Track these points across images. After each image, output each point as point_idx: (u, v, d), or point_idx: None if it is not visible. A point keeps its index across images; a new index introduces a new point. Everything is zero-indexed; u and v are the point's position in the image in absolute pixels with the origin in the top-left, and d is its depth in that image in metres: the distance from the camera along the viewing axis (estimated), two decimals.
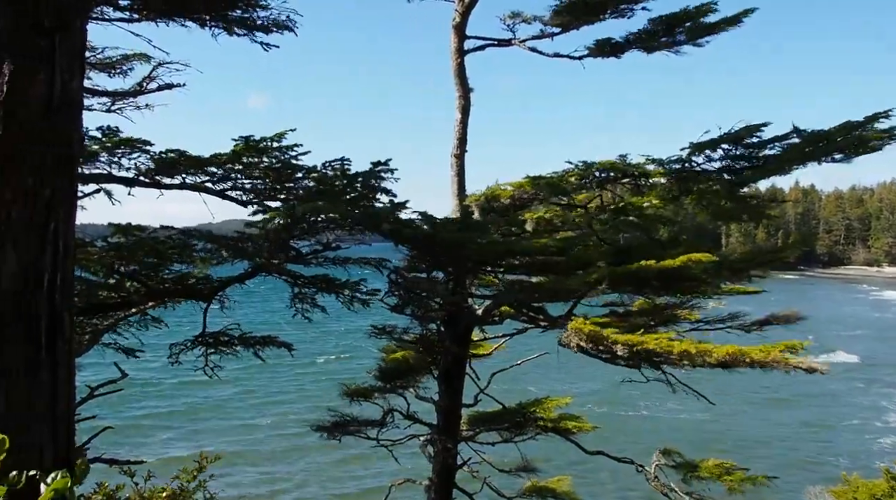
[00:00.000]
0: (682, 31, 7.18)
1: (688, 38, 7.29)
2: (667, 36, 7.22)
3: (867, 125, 6.94)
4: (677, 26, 7.08)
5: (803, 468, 24.22)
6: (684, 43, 7.38)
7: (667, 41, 7.30)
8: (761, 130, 7.16)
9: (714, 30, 7.24)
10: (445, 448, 8.38)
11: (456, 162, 8.18)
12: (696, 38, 7.30)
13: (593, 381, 35.94)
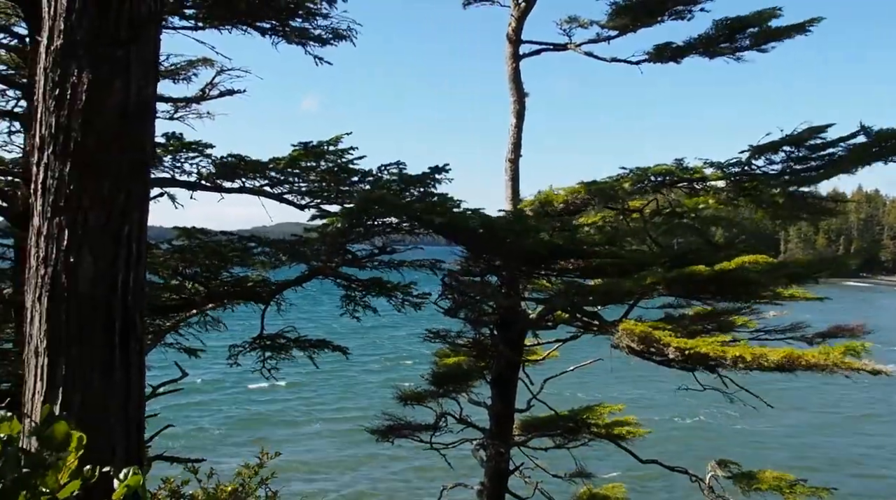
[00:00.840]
0: (745, 37, 7.04)
1: (751, 43, 7.13)
2: (728, 41, 7.09)
3: None
4: (740, 31, 6.95)
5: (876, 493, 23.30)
6: (748, 48, 7.22)
7: (729, 46, 7.17)
8: (825, 131, 6.98)
9: (779, 35, 7.06)
10: (498, 453, 8.37)
11: (510, 167, 8.18)
12: (760, 43, 7.14)
13: (648, 388, 35.33)
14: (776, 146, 7.03)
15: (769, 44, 7.15)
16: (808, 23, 6.85)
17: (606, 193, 7.38)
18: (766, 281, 6.33)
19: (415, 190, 6.34)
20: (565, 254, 6.93)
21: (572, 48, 7.72)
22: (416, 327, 10.79)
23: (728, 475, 9.29)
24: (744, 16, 6.83)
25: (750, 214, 7.59)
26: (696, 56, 7.19)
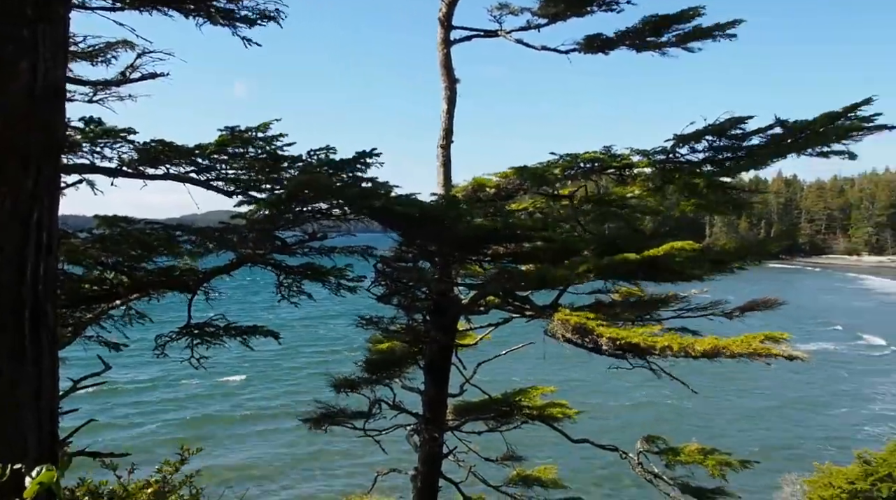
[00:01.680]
0: (671, 34, 7.19)
1: (676, 41, 7.29)
2: (655, 36, 7.22)
3: (848, 115, 7.00)
4: (665, 27, 7.09)
5: (785, 456, 24.55)
6: (673, 45, 7.38)
7: (655, 41, 7.30)
8: (745, 122, 7.21)
9: (703, 36, 7.24)
10: (431, 438, 8.43)
11: (442, 153, 8.18)
12: (684, 42, 7.31)
13: (578, 370, 36.16)
14: (699, 135, 7.23)
15: (693, 43, 7.33)
16: (730, 24, 7.05)
17: (537, 179, 7.45)
18: (692, 268, 6.54)
19: (344, 174, 6.25)
20: (498, 239, 6.99)
21: (503, 35, 7.74)
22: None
23: (655, 450, 9.62)
24: (668, 14, 6.98)
25: (675, 202, 7.80)
26: (625, 49, 7.32)
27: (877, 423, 30.70)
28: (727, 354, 5.22)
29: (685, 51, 7.46)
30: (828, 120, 7.02)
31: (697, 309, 8.36)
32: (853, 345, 51.61)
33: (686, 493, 9.25)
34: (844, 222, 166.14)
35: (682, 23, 7.08)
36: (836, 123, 7.04)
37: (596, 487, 22.02)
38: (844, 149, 7.16)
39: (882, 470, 11.14)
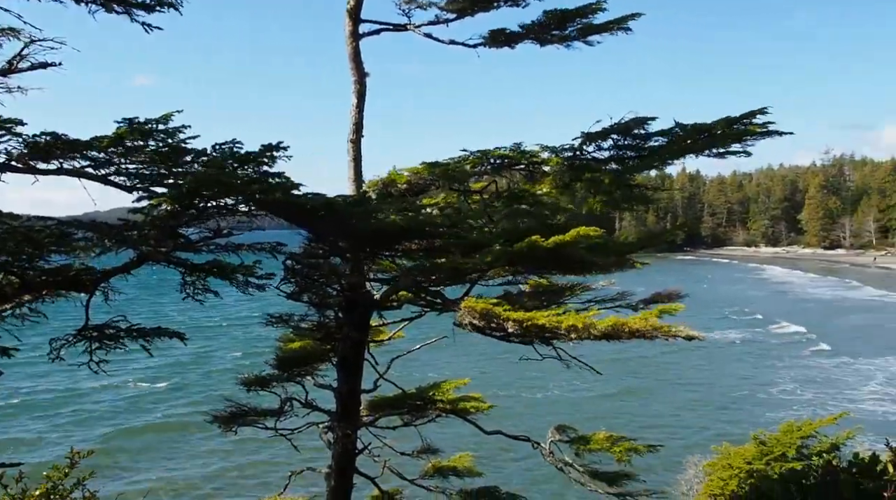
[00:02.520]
0: (573, 28, 7.36)
1: (578, 35, 7.47)
2: (559, 30, 7.38)
3: (744, 121, 7.35)
4: (568, 22, 7.25)
5: (689, 440, 25.69)
6: (575, 39, 7.56)
7: (558, 35, 7.46)
8: (648, 123, 7.46)
9: (603, 30, 7.46)
10: (345, 435, 8.36)
11: (352, 147, 8.10)
12: (586, 35, 7.50)
13: (492, 364, 36.75)
14: (605, 134, 7.43)
15: (593, 36, 7.54)
16: (629, 17, 7.29)
17: (449, 175, 7.49)
18: (599, 259, 6.73)
19: (249, 168, 6.09)
20: (409, 235, 6.98)
21: (412, 29, 7.73)
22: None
23: (566, 439, 9.87)
24: (568, 9, 7.16)
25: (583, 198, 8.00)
26: (529, 43, 7.46)
27: (775, 405, 32.55)
28: (626, 331, 5.41)
29: (585, 44, 7.67)
30: (726, 124, 7.35)
31: (605, 301, 8.63)
32: (755, 332, 54.53)
33: (595, 479, 9.54)
34: (743, 215, 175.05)
35: (584, 17, 7.26)
36: (734, 128, 7.39)
37: (512, 477, 22.41)
38: (741, 149, 7.54)
39: (776, 450, 11.78)
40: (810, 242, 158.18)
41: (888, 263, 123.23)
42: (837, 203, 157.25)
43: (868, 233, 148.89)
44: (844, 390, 36.12)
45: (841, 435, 11.43)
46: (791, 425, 11.99)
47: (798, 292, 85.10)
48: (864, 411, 31.04)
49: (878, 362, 42.30)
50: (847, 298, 77.61)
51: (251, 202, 6.10)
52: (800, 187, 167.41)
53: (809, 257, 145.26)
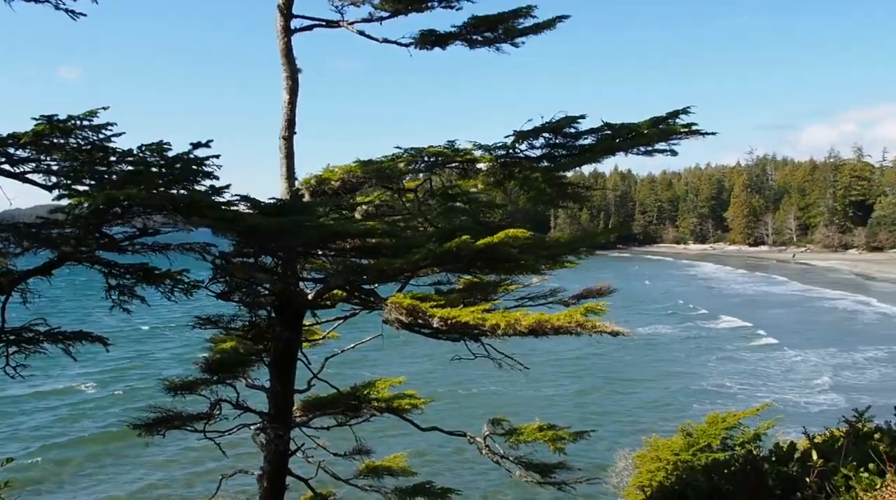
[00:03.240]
0: (501, 30, 7.44)
1: (506, 37, 7.56)
2: (489, 32, 7.45)
3: (669, 120, 7.56)
4: (499, 24, 7.32)
5: (621, 432, 26.30)
6: (503, 41, 7.65)
7: (488, 38, 7.53)
8: (578, 122, 7.59)
9: (530, 32, 7.56)
10: (277, 436, 8.24)
11: (285, 144, 7.98)
12: (513, 38, 7.59)
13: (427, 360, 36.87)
14: (537, 132, 7.53)
15: (520, 39, 7.63)
16: (556, 20, 7.42)
17: (382, 173, 7.46)
18: (530, 259, 6.81)
19: (178, 165, 5.91)
20: (343, 235, 6.93)
21: (345, 26, 7.66)
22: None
23: (500, 432, 9.98)
24: (501, 12, 7.23)
25: (515, 197, 8.10)
26: (460, 44, 7.50)
27: (707, 397, 33.60)
28: (550, 327, 5.50)
29: (513, 46, 7.77)
30: (652, 123, 7.55)
31: (538, 297, 8.77)
32: (689, 326, 56.24)
33: (529, 470, 9.68)
34: (673, 213, 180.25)
35: (513, 20, 7.35)
36: (659, 127, 7.60)
37: (450, 472, 22.53)
38: (667, 147, 7.75)
39: (702, 441, 12.18)
40: (736, 240, 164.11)
41: (807, 259, 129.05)
42: (761, 202, 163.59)
43: (789, 230, 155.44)
44: (772, 381, 37.70)
45: (762, 425, 11.90)
46: (716, 416, 12.41)
47: (728, 287, 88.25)
48: (788, 402, 32.50)
49: (805, 354, 44.31)
50: (773, 292, 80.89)
51: (177, 214, 5.93)
52: (726, 186, 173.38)
53: (735, 253, 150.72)
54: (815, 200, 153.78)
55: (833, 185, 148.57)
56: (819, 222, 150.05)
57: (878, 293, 77.08)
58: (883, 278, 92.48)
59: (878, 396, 28.96)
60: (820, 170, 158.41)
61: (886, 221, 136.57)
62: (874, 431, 7.56)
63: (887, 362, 41.73)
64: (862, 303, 69.60)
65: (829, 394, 34.36)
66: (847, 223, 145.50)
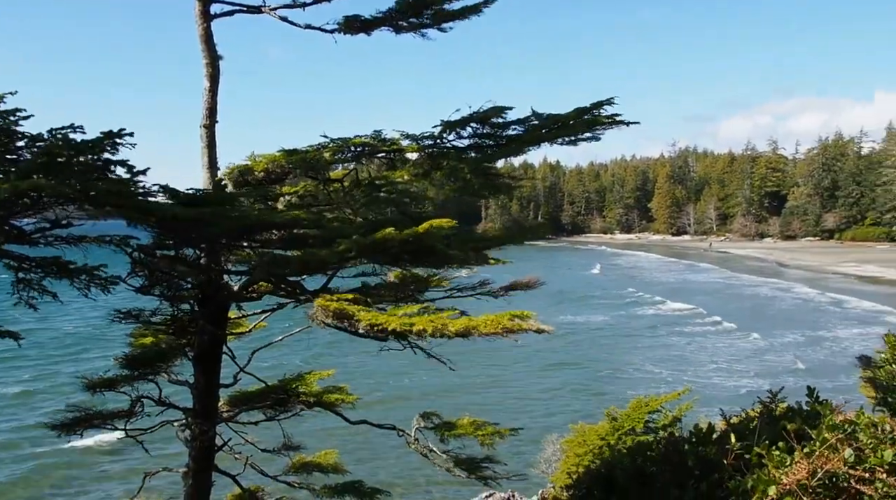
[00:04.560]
0: (428, 14, 7.40)
1: (433, 22, 7.53)
2: (414, 17, 7.40)
3: (594, 111, 7.69)
4: (424, 8, 7.28)
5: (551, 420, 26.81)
6: (430, 26, 7.61)
7: (414, 23, 7.48)
8: (506, 112, 7.64)
9: (457, 16, 7.55)
10: (202, 432, 8.04)
11: (206, 133, 7.74)
12: (440, 22, 7.57)
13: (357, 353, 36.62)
14: (464, 122, 7.54)
15: (447, 23, 7.61)
16: (482, 4, 7.44)
17: (308, 163, 7.34)
18: (458, 253, 6.84)
19: (89, 155, 5.65)
20: (266, 226, 6.79)
21: (267, 11, 7.47)
22: None
23: (431, 426, 10.01)
24: None
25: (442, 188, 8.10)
26: (385, 30, 7.42)
27: (635, 383, 34.53)
28: (478, 333, 5.55)
29: (439, 31, 7.74)
30: (577, 114, 7.67)
31: (466, 289, 8.80)
32: (616, 315, 57.67)
33: (458, 465, 9.74)
34: (600, 204, 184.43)
35: (439, 4, 7.32)
36: (584, 117, 7.72)
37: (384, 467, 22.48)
38: (590, 135, 7.88)
39: (626, 425, 12.55)
40: (659, 229, 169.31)
41: (726, 247, 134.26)
42: (683, 192, 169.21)
43: (710, 220, 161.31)
44: (699, 365, 39.17)
45: (682, 407, 12.34)
46: (640, 401, 12.81)
47: (654, 275, 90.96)
48: (714, 385, 33.85)
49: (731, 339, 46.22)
50: (696, 280, 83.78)
51: (90, 205, 5.67)
52: (650, 177, 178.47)
53: (659, 242, 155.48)
54: (733, 191, 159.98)
55: (750, 176, 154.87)
56: (737, 212, 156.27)
57: (794, 280, 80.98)
58: (796, 265, 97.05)
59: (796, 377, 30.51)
60: (738, 162, 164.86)
61: (798, 211, 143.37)
62: (787, 411, 7.93)
63: (805, 346, 43.92)
64: (781, 289, 72.99)
65: (751, 377, 35.91)
66: (763, 213, 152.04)
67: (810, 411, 6.63)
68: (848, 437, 5.24)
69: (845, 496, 4.93)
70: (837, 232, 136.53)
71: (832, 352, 41.59)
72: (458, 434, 9.78)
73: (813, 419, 5.93)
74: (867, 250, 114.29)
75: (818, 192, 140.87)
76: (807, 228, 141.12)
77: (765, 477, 5.00)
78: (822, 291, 69.10)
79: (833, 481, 4.93)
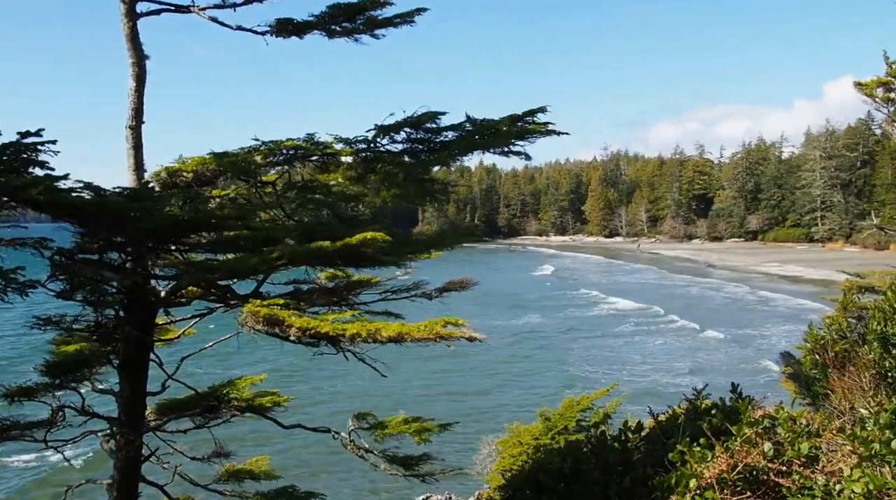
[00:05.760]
0: (361, 20, 7.38)
1: (366, 28, 7.51)
2: (347, 22, 7.37)
3: (527, 118, 7.81)
4: (357, 14, 7.26)
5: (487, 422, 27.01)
6: (363, 32, 7.59)
7: (347, 28, 7.45)
8: (440, 118, 7.68)
9: (390, 24, 7.56)
10: (128, 442, 7.80)
11: (132, 134, 7.53)
12: (373, 29, 7.56)
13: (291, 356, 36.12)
14: (398, 127, 7.55)
15: (380, 30, 7.62)
16: (415, 12, 7.46)
17: (238, 166, 7.22)
18: (392, 259, 6.83)
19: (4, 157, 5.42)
20: (195, 229, 6.64)
21: (195, 11, 7.32)
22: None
23: (365, 426, 9.99)
24: (356, 2, 7.16)
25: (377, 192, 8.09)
26: (318, 34, 7.37)
27: (571, 381, 35.10)
28: (410, 339, 5.57)
29: (373, 38, 7.74)
30: (511, 121, 7.77)
31: (401, 291, 8.81)
32: (553, 317, 58.55)
33: (394, 464, 9.76)
34: (535, 207, 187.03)
35: (373, 10, 7.31)
36: (518, 125, 7.83)
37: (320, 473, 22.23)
38: (522, 149, 7.98)
39: (559, 424, 12.79)
40: (593, 231, 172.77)
41: (657, 248, 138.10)
42: (615, 195, 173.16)
43: (641, 222, 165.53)
44: (633, 364, 40.14)
45: (611, 405, 12.64)
46: (571, 400, 13.07)
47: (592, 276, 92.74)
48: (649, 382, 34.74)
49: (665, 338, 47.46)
50: (628, 281, 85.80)
51: (6, 197, 5.45)
52: (583, 180, 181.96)
53: (593, 244, 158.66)
54: (663, 194, 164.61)
55: (678, 179, 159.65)
56: (667, 214, 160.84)
57: (723, 279, 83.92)
58: (723, 265, 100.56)
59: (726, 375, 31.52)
60: (667, 165, 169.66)
61: (724, 213, 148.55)
62: (711, 407, 8.22)
63: (734, 343, 45.57)
64: (712, 288, 75.53)
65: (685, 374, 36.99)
66: (691, 215, 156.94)
67: (733, 407, 6.88)
68: (767, 431, 5.48)
69: (764, 488, 5.15)
70: (760, 233, 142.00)
71: (759, 349, 43.25)
72: (392, 433, 9.79)
73: (735, 414, 6.16)
74: (788, 251, 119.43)
75: (742, 195, 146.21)
76: (732, 230, 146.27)
77: (687, 472, 5.18)
78: (750, 290, 71.89)
79: (753, 474, 5.15)
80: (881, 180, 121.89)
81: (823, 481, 4.74)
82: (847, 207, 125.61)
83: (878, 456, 4.49)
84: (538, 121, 7.81)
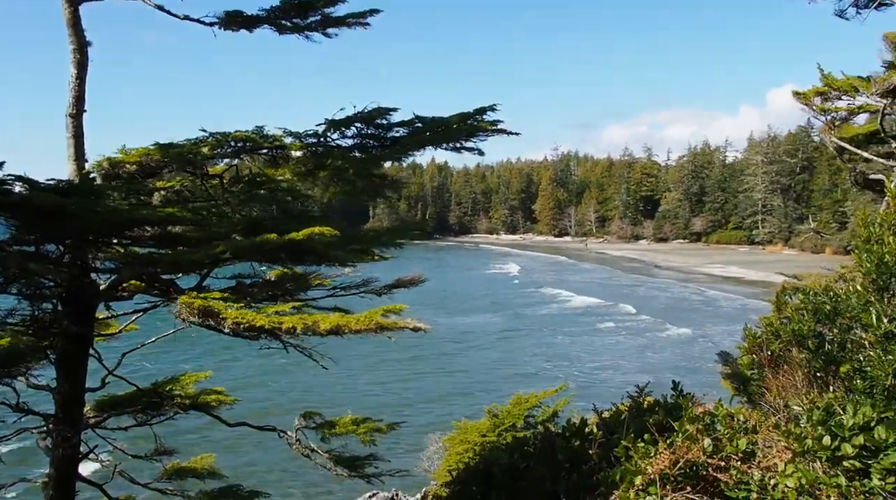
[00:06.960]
0: (314, 18, 7.30)
1: (318, 26, 7.44)
2: (299, 18, 7.28)
3: (477, 116, 7.84)
4: (309, 11, 7.18)
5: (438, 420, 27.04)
6: (315, 30, 7.51)
7: (298, 24, 7.36)
8: (390, 114, 7.65)
9: (342, 23, 7.50)
10: (65, 439, 7.57)
11: (73, 123, 7.30)
12: (325, 27, 7.49)
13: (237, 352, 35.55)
14: (349, 122, 7.49)
15: (332, 29, 7.56)
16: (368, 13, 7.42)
17: (184, 158, 7.06)
18: (338, 252, 6.77)
19: None
20: (137, 223, 6.48)
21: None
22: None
23: (313, 425, 9.90)
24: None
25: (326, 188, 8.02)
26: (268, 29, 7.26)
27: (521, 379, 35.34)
28: (349, 330, 5.53)
29: (325, 36, 7.66)
30: (460, 118, 7.79)
31: (350, 288, 8.74)
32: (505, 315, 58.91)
33: (340, 464, 9.68)
34: (486, 205, 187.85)
35: (325, 7, 7.24)
36: (468, 122, 7.86)
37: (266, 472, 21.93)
38: (475, 146, 8.02)
39: (507, 421, 12.87)
40: (543, 230, 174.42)
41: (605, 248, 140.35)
42: (565, 195, 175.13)
43: (589, 222, 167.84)
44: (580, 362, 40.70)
45: (560, 403, 12.79)
46: (519, 397, 13.17)
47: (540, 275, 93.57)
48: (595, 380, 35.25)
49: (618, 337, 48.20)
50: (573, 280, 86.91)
51: None
52: (534, 180, 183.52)
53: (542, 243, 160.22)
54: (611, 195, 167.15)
55: (627, 181, 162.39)
56: (615, 215, 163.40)
57: (669, 279, 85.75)
58: (667, 266, 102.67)
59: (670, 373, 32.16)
60: (616, 167, 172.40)
61: (670, 215, 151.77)
62: (653, 404, 8.39)
63: (680, 342, 46.65)
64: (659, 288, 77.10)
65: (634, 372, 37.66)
66: (638, 216, 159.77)
67: (674, 404, 7.03)
68: (707, 428, 5.62)
69: (703, 483, 5.28)
70: (704, 235, 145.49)
71: (703, 347, 44.33)
72: (339, 433, 9.73)
73: (676, 411, 6.29)
74: (730, 252, 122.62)
75: (688, 197, 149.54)
76: (677, 231, 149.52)
77: (631, 468, 5.27)
78: (694, 291, 73.64)
79: (693, 469, 5.27)
80: (819, 186, 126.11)
81: (759, 476, 4.87)
82: (786, 211, 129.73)
83: (811, 452, 4.63)
84: (488, 119, 7.85)
